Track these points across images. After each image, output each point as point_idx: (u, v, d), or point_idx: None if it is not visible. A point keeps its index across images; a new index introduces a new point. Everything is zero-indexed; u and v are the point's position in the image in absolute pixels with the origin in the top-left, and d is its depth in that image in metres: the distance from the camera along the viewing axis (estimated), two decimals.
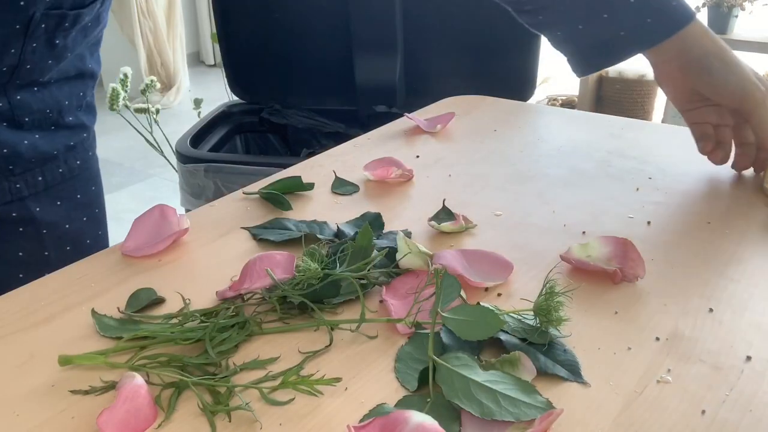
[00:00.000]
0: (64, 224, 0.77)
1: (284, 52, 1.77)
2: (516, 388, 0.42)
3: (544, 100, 2.93)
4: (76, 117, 0.77)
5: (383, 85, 1.76)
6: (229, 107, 1.84)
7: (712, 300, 0.53)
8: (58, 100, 0.73)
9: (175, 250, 0.61)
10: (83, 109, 0.78)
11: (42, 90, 0.71)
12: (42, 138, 0.73)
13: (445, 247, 0.61)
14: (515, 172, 0.77)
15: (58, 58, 0.71)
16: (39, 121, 0.72)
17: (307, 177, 0.73)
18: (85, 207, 0.81)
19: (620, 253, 0.57)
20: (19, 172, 0.72)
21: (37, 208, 0.74)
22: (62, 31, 0.68)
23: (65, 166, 0.77)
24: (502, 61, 1.71)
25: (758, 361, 0.46)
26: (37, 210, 0.74)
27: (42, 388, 0.44)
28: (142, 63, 4.05)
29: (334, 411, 0.42)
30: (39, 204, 0.75)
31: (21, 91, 0.69)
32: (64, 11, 0.67)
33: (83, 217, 0.80)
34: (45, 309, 0.53)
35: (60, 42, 0.69)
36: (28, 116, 0.71)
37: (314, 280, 0.51)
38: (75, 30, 0.70)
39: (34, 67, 0.68)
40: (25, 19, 0.64)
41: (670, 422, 0.41)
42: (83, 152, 0.79)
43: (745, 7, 2.40)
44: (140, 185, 3.03)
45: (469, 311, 0.46)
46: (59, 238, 0.77)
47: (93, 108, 0.81)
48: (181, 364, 0.45)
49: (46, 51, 0.68)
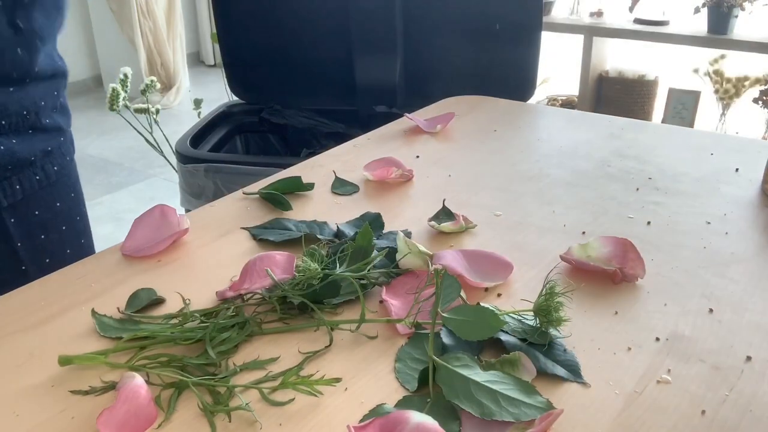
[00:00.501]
0: (40, 235, 0.73)
1: (284, 52, 1.77)
2: (516, 389, 0.42)
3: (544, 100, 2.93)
4: (52, 119, 0.74)
5: (383, 85, 1.76)
6: (229, 107, 1.84)
7: (712, 300, 0.53)
8: (35, 101, 0.70)
9: (175, 250, 0.61)
10: (58, 111, 0.75)
11: (18, 90, 0.68)
12: (19, 143, 0.69)
13: (445, 247, 0.61)
14: (515, 172, 0.77)
15: (28, 48, 0.67)
16: (16, 125, 0.69)
17: (307, 177, 0.73)
18: (64, 215, 0.76)
19: (620, 253, 0.57)
20: None
21: (11, 219, 0.70)
22: (21, 8, 0.65)
23: (42, 172, 0.72)
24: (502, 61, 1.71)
25: (758, 361, 0.46)
26: (12, 222, 0.70)
27: (42, 388, 0.44)
28: (142, 63, 4.05)
29: (334, 411, 0.42)
30: (14, 215, 0.70)
31: None
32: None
33: (62, 227, 0.76)
34: (45, 309, 0.53)
35: (23, 24, 0.66)
36: (5, 119, 0.67)
37: (314, 280, 0.51)
38: (35, 9, 0.67)
39: (3, 58, 0.65)
40: None
41: (670, 422, 0.41)
42: (60, 157, 0.76)
43: (745, 7, 2.40)
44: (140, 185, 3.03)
45: (469, 311, 0.46)
46: (36, 250, 0.73)
47: (67, 109, 0.78)
48: (181, 364, 0.45)
49: (10, 35, 0.65)
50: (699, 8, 2.46)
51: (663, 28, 2.55)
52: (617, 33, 2.59)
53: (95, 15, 4.05)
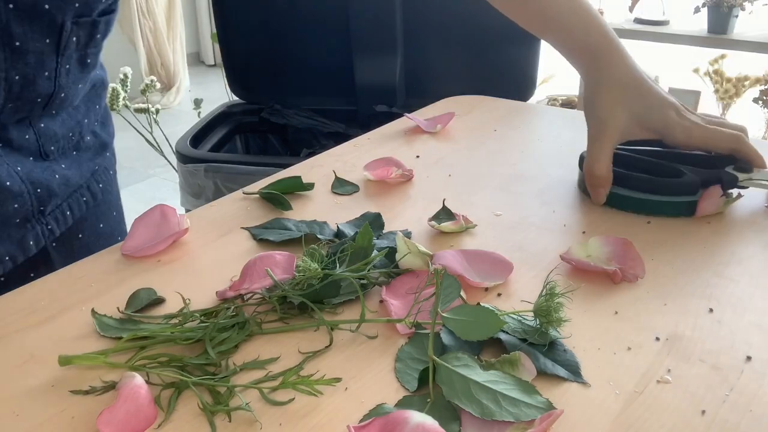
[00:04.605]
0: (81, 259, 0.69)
1: (284, 52, 1.77)
2: (516, 389, 0.42)
3: (544, 100, 2.93)
4: (94, 135, 0.69)
5: (383, 85, 1.76)
6: (229, 107, 1.84)
7: (712, 300, 0.53)
8: (78, 120, 0.66)
9: (175, 250, 0.61)
10: (100, 123, 0.71)
11: (61, 112, 0.63)
12: (69, 168, 0.65)
13: (445, 247, 0.61)
14: (515, 172, 0.77)
15: (86, 81, 0.64)
16: (63, 149, 0.64)
17: (307, 177, 0.73)
18: (107, 237, 0.72)
19: (620, 253, 0.57)
20: (50, 212, 0.63)
21: (53, 244, 0.66)
22: (93, 46, 0.61)
23: (89, 193, 0.68)
24: (502, 61, 1.71)
25: (758, 361, 0.46)
26: (53, 246, 0.66)
27: (42, 388, 0.44)
28: (142, 63, 4.05)
29: (334, 411, 0.42)
30: (57, 240, 0.66)
31: (44, 118, 0.61)
32: (94, 19, 0.60)
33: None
34: (45, 309, 0.53)
35: (91, 60, 0.62)
36: (54, 144, 0.63)
37: (314, 280, 0.51)
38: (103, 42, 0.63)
39: (67, 93, 0.61)
40: (54, 30, 0.56)
41: (670, 422, 0.41)
42: (104, 173, 0.71)
43: (745, 7, 2.40)
44: (140, 185, 3.04)
45: (469, 311, 0.46)
46: None
47: (109, 119, 0.73)
48: (181, 364, 0.45)
49: (77, 72, 0.61)
50: (699, 8, 2.46)
51: (663, 27, 2.55)
52: (617, 33, 2.58)
53: None
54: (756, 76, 2.50)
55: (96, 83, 0.69)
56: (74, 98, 0.63)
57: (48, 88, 0.58)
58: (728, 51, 2.49)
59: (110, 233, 0.73)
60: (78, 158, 0.67)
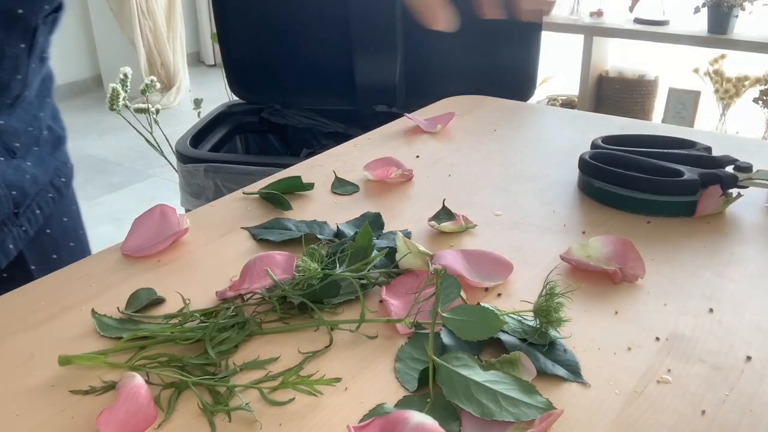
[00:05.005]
0: (52, 255, 0.69)
1: (284, 52, 1.77)
2: (516, 389, 0.42)
3: (544, 100, 2.93)
4: (49, 129, 0.69)
5: (383, 85, 1.76)
6: (229, 107, 1.84)
7: (712, 300, 0.53)
8: (34, 114, 0.65)
9: (175, 250, 0.61)
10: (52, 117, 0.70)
11: (18, 107, 0.63)
12: (36, 166, 0.65)
13: (445, 247, 0.61)
14: (515, 172, 0.77)
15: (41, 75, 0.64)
16: (26, 144, 0.64)
17: (307, 177, 0.73)
18: (70, 232, 0.72)
19: (620, 253, 0.57)
20: (22, 212, 0.63)
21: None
22: (50, 42, 0.62)
23: (53, 189, 0.68)
24: (502, 61, 1.71)
25: (758, 361, 0.46)
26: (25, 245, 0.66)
27: (42, 388, 0.44)
28: (142, 63, 4.05)
29: (334, 411, 0.42)
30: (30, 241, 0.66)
31: (3, 115, 0.60)
32: (55, 15, 0.60)
33: (70, 243, 0.72)
34: (45, 309, 0.53)
35: (46, 55, 0.62)
36: (17, 140, 0.62)
37: (314, 280, 0.51)
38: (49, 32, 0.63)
39: (31, 92, 0.61)
40: (29, 34, 0.57)
41: (670, 422, 0.41)
42: (63, 167, 0.71)
43: (745, 7, 2.40)
44: (140, 185, 3.03)
45: (469, 311, 0.46)
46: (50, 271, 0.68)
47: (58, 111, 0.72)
48: (181, 364, 0.45)
49: (38, 69, 0.61)
50: (699, 8, 2.46)
51: (663, 27, 2.55)
52: (617, 33, 2.59)
53: (95, 15, 4.05)
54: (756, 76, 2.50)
55: (45, 77, 0.68)
56: (31, 93, 0.64)
57: (19, 89, 0.59)
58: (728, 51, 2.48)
59: (73, 227, 0.73)
60: (40, 154, 0.67)
